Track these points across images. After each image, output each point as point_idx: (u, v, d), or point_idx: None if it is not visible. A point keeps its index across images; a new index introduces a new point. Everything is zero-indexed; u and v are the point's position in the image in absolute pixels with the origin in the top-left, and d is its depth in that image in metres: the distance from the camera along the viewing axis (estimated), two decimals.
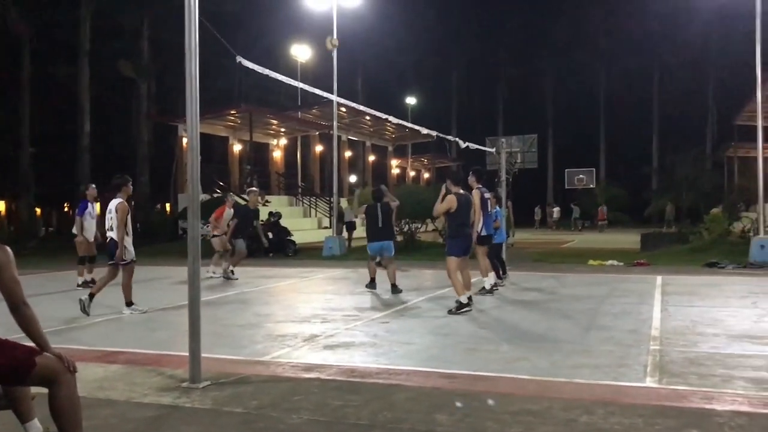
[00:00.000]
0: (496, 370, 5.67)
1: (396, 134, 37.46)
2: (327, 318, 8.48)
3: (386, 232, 10.90)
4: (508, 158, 20.87)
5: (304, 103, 33.11)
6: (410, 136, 36.60)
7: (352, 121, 32.05)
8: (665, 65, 51.18)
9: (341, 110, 25.68)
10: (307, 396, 4.93)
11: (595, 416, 4.35)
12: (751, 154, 30.03)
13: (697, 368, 5.64)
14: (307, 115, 32.19)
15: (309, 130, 32.58)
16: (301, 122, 31.68)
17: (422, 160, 46.79)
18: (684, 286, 11.27)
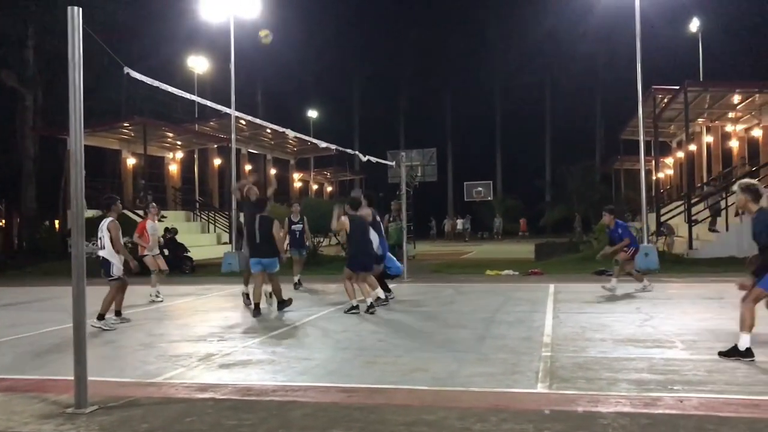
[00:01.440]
0: (394, 382, 5.69)
1: (298, 147, 37.25)
2: (224, 336, 8.28)
3: (266, 248, 9.94)
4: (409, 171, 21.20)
5: (201, 116, 32.38)
6: (312, 149, 36.50)
7: (252, 134, 31.61)
8: (556, 82, 53.57)
9: (240, 123, 25.30)
10: (201, 417, 4.78)
11: (489, 423, 4.45)
12: (636, 166, 31.87)
13: (585, 372, 5.87)
14: (205, 127, 31.49)
15: (207, 143, 31.85)
16: (198, 135, 30.94)
17: (325, 174, 46.74)
18: (575, 294, 11.75)
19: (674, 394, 5.10)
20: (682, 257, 18.69)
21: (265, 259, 9.91)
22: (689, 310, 9.73)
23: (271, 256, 9.95)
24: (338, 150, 15.56)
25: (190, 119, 33.60)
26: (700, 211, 20.33)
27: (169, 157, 32.16)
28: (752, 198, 6.42)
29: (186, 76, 35.42)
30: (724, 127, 28.19)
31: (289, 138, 31.29)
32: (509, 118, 55.76)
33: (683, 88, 20.86)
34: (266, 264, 9.93)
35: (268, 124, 12.37)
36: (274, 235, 9.92)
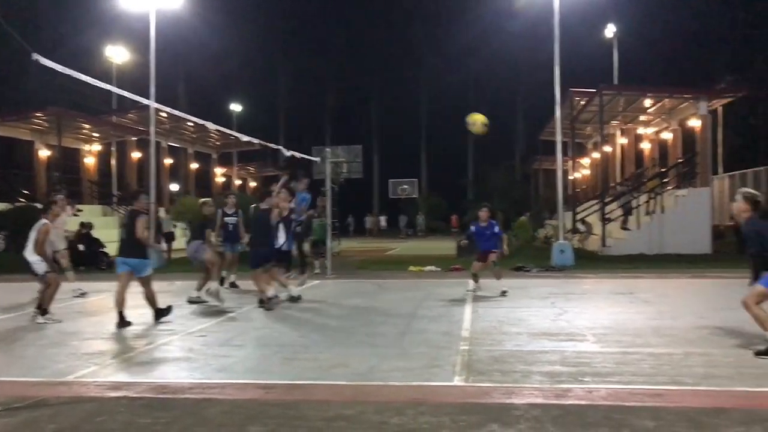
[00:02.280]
0: (313, 377, 5.69)
1: (220, 141, 36.52)
2: (140, 333, 8.07)
3: (128, 247, 8.61)
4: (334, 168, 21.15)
5: (120, 107, 31.35)
6: (235, 143, 35.85)
7: (173, 127, 30.81)
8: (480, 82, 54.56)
9: (161, 115, 24.65)
10: (113, 416, 4.65)
11: (406, 417, 4.50)
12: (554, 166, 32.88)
13: (501, 365, 6.03)
14: (123, 119, 30.47)
15: (125, 136, 30.83)
16: (116, 127, 29.92)
17: (248, 169, 46.03)
18: (493, 289, 11.97)
19: (584, 386, 5.30)
20: (595, 254, 19.40)
21: (130, 260, 8.56)
22: (601, 304, 10.12)
23: (136, 257, 8.56)
24: (261, 144, 15.39)
25: (108, 110, 32.48)
26: (613, 210, 21.16)
27: (85, 150, 30.96)
28: (751, 207, 6.73)
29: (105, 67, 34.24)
30: (636, 129, 29.43)
31: (211, 131, 30.68)
32: (434, 117, 56.44)
33: (599, 92, 21.65)
34: (133, 265, 8.58)
35: (189, 117, 12.15)
36: (138, 233, 8.47)
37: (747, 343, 6.82)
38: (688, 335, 7.35)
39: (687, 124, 25.40)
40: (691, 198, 20.50)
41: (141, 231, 8.49)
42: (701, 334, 7.39)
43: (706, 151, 21.24)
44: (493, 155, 43.49)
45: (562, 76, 18.47)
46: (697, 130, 22.21)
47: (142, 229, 8.52)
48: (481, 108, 56.49)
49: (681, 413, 4.51)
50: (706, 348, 6.66)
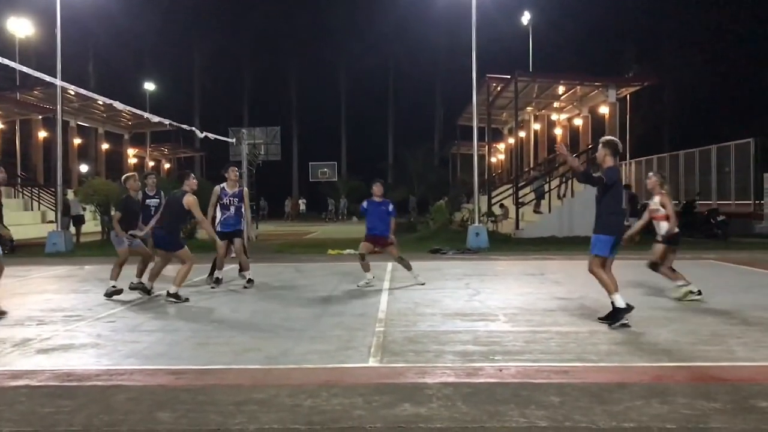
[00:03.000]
0: (225, 362, 5.61)
1: (133, 121, 35.32)
2: (44, 320, 7.73)
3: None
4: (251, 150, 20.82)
5: (23, 84, 29.78)
6: (147, 124, 34.72)
7: (82, 106, 29.57)
8: (399, 66, 54.80)
9: (69, 94, 23.58)
10: (12, 405, 4.44)
11: (319, 399, 4.50)
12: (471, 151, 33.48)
13: (415, 346, 6.11)
14: (28, 97, 29.01)
15: (30, 114, 29.40)
16: (20, 105, 28.47)
17: (162, 150, 44.72)
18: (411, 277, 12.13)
19: (495, 364, 5.44)
20: (509, 237, 19.92)
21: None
22: (513, 285, 10.41)
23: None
24: (173, 125, 14.96)
25: (11, 87, 30.80)
26: (526, 194, 21.75)
27: None
28: (611, 152, 7.06)
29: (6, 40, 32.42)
30: (550, 115, 30.31)
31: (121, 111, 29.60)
32: (354, 99, 56.42)
33: (514, 78, 22.14)
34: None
35: (97, 96, 11.66)
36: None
37: (648, 321, 7.18)
38: (593, 313, 7.66)
39: (597, 110, 26.36)
40: None
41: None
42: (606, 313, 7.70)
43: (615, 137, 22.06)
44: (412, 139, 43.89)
45: (478, 62, 18.77)
46: (607, 117, 23.07)
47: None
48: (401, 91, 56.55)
49: (585, 389, 4.70)
50: None
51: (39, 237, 20.93)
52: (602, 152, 7.12)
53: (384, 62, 54.51)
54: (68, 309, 8.53)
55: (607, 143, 7.16)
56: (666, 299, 8.68)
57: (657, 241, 8.67)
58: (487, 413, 4.18)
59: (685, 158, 26.22)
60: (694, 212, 20.52)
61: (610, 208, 7.06)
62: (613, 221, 7.12)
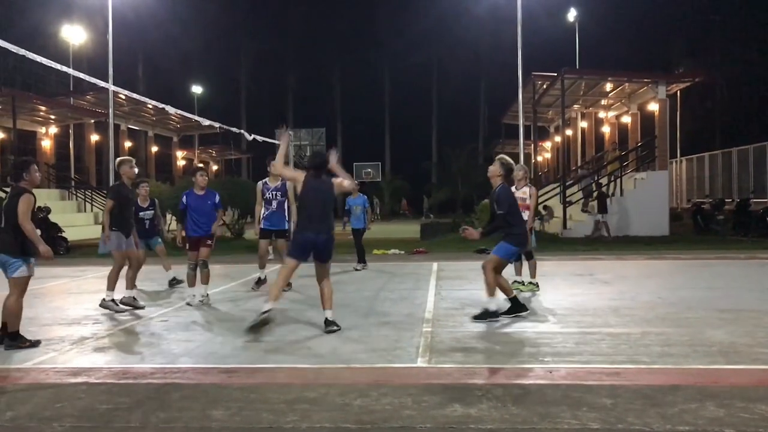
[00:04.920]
0: (275, 361, 5.68)
1: (181, 124, 35.98)
2: (100, 319, 7.95)
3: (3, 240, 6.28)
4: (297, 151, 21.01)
5: (77, 89, 30.62)
6: (196, 126, 35.34)
7: (132, 110, 30.22)
8: (443, 65, 54.61)
9: (120, 98, 24.15)
10: (72, 402, 4.58)
11: (369, 398, 4.53)
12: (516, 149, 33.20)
13: (463, 346, 6.10)
14: (81, 101, 29.79)
15: (83, 118, 30.17)
16: (73, 109, 29.23)
17: (210, 152, 45.46)
18: (456, 272, 12.12)
19: (544, 365, 5.39)
20: (556, 236, 19.67)
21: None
22: (561, 286, 10.28)
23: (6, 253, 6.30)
24: (223, 128, 15.20)
25: (65, 92, 31.69)
26: (573, 192, 21.46)
27: (41, 132, 30.22)
28: (504, 173, 7.50)
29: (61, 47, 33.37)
30: (597, 113, 29.81)
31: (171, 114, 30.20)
32: (397, 99, 56.42)
33: (560, 75, 21.84)
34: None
35: (148, 100, 11.94)
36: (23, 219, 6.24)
37: (702, 322, 7.02)
38: (645, 315, 7.52)
39: (646, 108, 25.82)
40: (649, 181, 20.89)
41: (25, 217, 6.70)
42: (658, 314, 7.57)
43: (665, 134, 21.63)
44: (456, 138, 43.69)
45: (524, 60, 18.60)
46: (656, 114, 22.60)
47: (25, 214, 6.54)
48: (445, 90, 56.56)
49: (638, 391, 4.62)
50: (662, 327, 6.82)
51: (92, 238, 21.48)
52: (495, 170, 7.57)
53: (427, 61, 54.36)
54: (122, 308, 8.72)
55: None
56: (721, 300, 8.46)
57: None
58: (538, 415, 4.15)
59: (738, 155, 25.53)
60: (747, 211, 19.96)
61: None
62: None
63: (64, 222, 20.18)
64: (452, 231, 21.86)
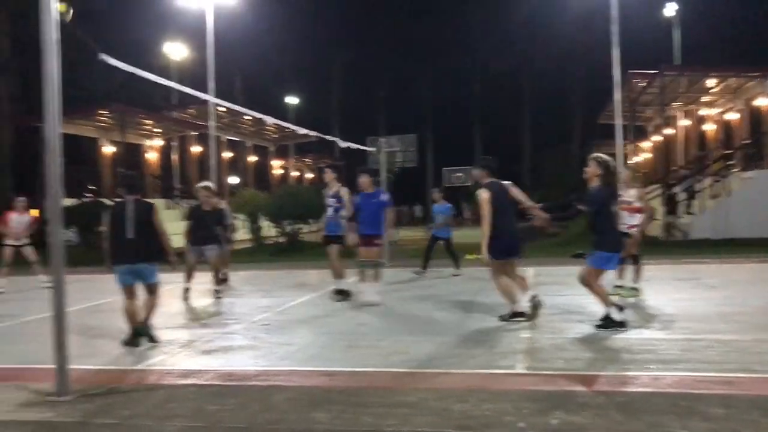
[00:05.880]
0: (374, 365, 5.76)
1: (277, 134, 37.06)
2: (206, 323, 8.30)
3: (140, 250, 6.71)
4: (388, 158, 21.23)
5: (180, 103, 32.07)
6: (291, 136, 36.30)
7: (231, 121, 31.39)
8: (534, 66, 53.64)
9: (220, 110, 25.11)
10: (183, 403, 4.81)
11: (468, 404, 4.52)
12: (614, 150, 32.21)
13: (563, 353, 5.97)
14: (184, 115, 31.22)
15: (185, 131, 31.58)
16: (176, 122, 30.68)
17: (305, 161, 46.55)
18: (553, 277, 11.87)
19: (649, 373, 5.21)
20: (658, 239, 18.93)
21: (138, 266, 6.77)
22: (665, 290, 9.88)
23: (147, 261, 6.83)
24: (317, 136, 15.53)
25: (168, 106, 33.26)
26: (676, 194, 20.59)
27: (147, 145, 31.87)
28: (602, 172, 7.04)
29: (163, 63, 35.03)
30: (699, 110, 28.52)
31: (268, 125, 31.13)
32: (487, 103, 55.86)
33: (660, 72, 21.05)
34: (139, 272, 6.82)
35: (247, 111, 12.36)
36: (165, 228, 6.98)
37: None
38: (756, 321, 7.14)
39: (753, 103, 24.49)
40: (758, 180, 19.76)
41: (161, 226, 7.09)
42: None
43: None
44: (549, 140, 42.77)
45: (620, 58, 18.01)
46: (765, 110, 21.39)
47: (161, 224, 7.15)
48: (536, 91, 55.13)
49: (753, 401, 4.39)
50: None
51: None
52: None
53: (517, 63, 53.51)
54: (226, 313, 9.10)
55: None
56: None
57: None
58: (646, 423, 4.02)
59: None
60: None
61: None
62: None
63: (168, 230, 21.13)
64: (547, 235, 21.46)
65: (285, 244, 20.94)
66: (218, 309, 9.51)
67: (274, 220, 21.23)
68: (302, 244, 20.69)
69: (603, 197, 7.11)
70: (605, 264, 7.11)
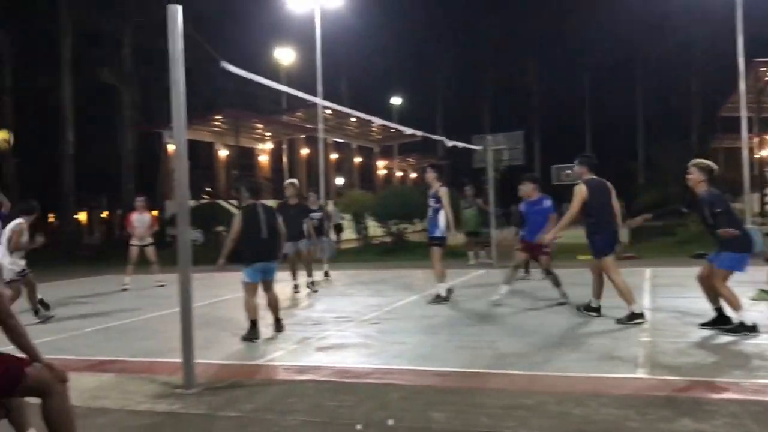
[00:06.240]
0: (487, 366, 5.69)
1: (382, 135, 37.48)
2: (319, 320, 8.49)
3: (272, 249, 7.42)
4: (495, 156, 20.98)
5: (289, 107, 33.05)
6: (395, 136, 36.64)
7: (337, 123, 32.03)
8: (648, 57, 51.42)
9: (326, 112, 25.64)
10: (302, 398, 4.93)
11: (588, 408, 4.38)
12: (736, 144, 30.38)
13: (687, 358, 5.68)
14: (292, 118, 32.14)
15: (294, 134, 32.51)
16: (286, 126, 31.63)
17: (409, 161, 46.82)
18: (672, 278, 11.35)
19: None
20: None
21: (272, 263, 7.46)
22: None
23: (277, 259, 7.62)
24: (424, 136, 15.55)
25: (278, 110, 34.35)
26: None
27: (258, 148, 33.05)
28: (706, 177, 6.70)
29: (271, 68, 36.19)
30: None
31: (374, 126, 31.52)
32: (598, 97, 54.13)
33: None
34: (270, 270, 7.49)
35: (355, 113, 12.51)
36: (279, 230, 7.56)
37: None
38: None
39: None
40: None
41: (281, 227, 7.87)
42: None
43: None
44: (665, 136, 40.87)
45: (744, 45, 16.95)
46: None
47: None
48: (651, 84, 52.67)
49: None
50: None
51: None
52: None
53: (631, 55, 51.44)
54: (337, 311, 9.27)
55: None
56: None
57: None
58: None
59: None
60: None
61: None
62: None
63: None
64: (664, 234, 20.54)
65: (391, 243, 21.11)
66: (328, 307, 9.71)
67: (380, 220, 21.45)
68: (408, 243, 20.80)
69: (723, 199, 6.82)
70: (736, 265, 6.65)
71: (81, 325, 8.81)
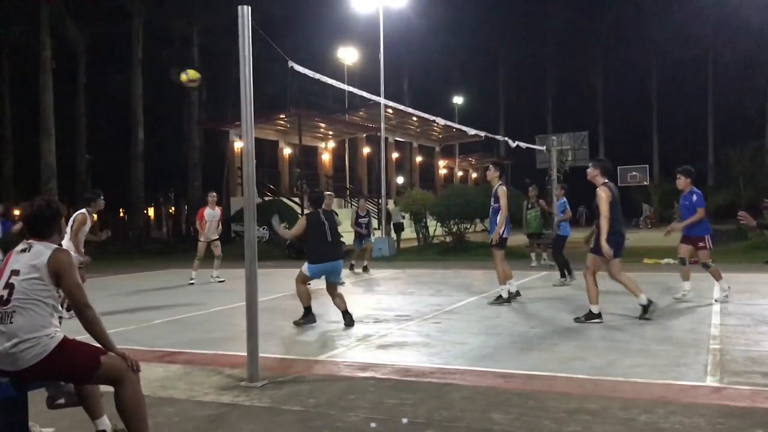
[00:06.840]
0: (551, 369, 5.62)
1: (443, 135, 37.35)
2: (379, 318, 8.54)
3: (338, 251, 8.15)
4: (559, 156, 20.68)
5: (350, 106, 33.31)
6: (457, 136, 36.45)
7: (398, 123, 32.10)
8: (719, 57, 49.69)
9: (388, 112, 25.75)
10: (363, 395, 4.98)
11: (655, 415, 4.29)
12: None
13: (761, 367, 5.49)
14: (354, 117, 32.37)
15: (356, 133, 32.74)
16: (348, 125, 31.88)
17: (470, 160, 46.52)
18: (743, 284, 10.96)
19: None
20: None
21: (337, 263, 8.14)
22: None
23: (341, 258, 8.29)
24: (487, 136, 15.45)
25: (340, 109, 34.68)
26: None
27: (321, 147, 33.43)
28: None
29: (335, 67, 36.54)
30: None
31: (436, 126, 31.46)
32: (666, 96, 52.60)
33: None
34: (336, 269, 8.21)
35: (416, 112, 12.53)
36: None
37: None
38: None
39: None
40: None
41: None
42: None
43: None
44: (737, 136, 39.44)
45: None
46: None
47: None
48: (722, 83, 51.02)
49: None
50: None
51: None
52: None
53: (701, 53, 49.76)
54: (398, 309, 9.31)
55: None
56: None
57: None
58: None
59: None
60: None
61: None
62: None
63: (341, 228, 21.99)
64: (735, 239, 19.86)
65: (451, 243, 21.05)
66: (388, 305, 9.75)
67: (441, 219, 21.40)
68: (468, 244, 20.69)
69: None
70: None
71: (151, 317, 9.11)
